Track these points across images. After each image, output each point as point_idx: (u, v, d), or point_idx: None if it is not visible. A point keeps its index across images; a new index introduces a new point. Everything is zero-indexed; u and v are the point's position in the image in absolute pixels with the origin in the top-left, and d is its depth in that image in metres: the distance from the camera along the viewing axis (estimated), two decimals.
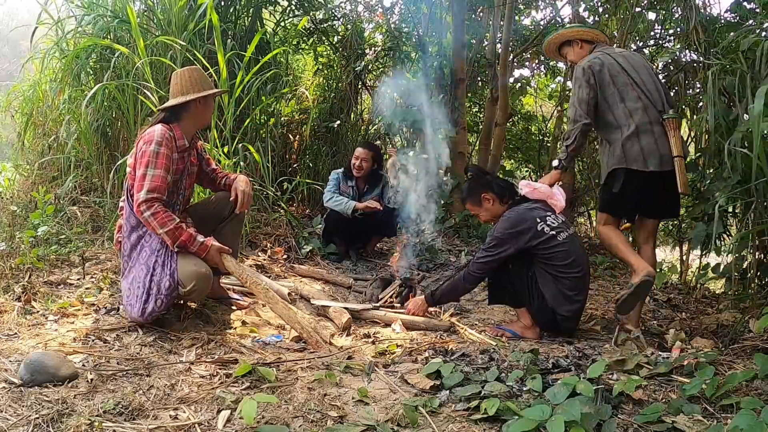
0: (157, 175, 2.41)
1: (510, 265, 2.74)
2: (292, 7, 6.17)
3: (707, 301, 3.68)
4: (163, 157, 2.44)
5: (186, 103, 2.59)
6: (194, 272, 2.41)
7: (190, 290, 2.40)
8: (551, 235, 2.68)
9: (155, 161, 2.42)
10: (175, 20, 4.13)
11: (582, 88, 2.97)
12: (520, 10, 7.55)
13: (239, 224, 3.02)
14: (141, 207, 2.37)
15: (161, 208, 2.39)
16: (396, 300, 3.38)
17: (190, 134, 2.68)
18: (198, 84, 2.61)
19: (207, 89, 2.64)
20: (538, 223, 2.70)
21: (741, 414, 1.51)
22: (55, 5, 4.85)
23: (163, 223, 2.37)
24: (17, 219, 3.95)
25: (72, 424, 1.50)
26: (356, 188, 4.51)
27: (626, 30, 4.81)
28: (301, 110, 6.23)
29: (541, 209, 2.80)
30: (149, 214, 2.36)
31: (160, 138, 2.45)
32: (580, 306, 2.74)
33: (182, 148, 2.61)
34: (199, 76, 2.64)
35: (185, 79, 2.61)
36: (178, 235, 2.40)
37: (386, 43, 6.71)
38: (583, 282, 2.72)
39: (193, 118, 2.66)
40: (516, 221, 2.73)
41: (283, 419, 1.66)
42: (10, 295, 2.57)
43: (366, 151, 4.43)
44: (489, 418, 1.68)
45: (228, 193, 2.87)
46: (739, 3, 3.55)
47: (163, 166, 2.43)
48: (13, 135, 5.71)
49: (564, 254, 2.67)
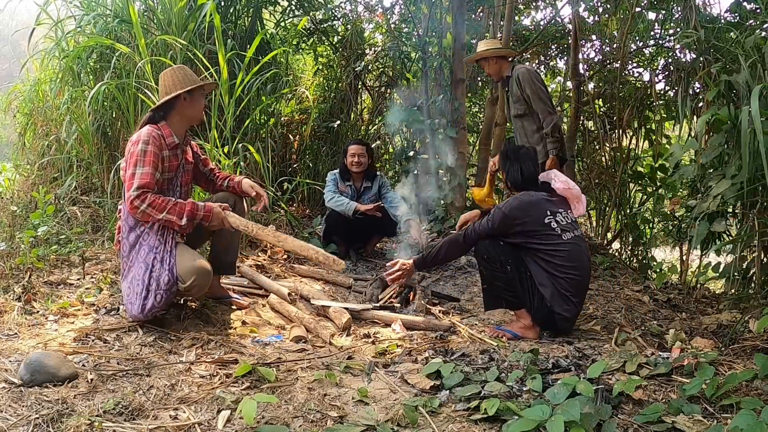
0: (146, 172, 2.42)
1: (508, 266, 2.71)
2: (292, 7, 6.17)
3: (707, 301, 3.68)
4: (150, 154, 2.45)
5: (173, 100, 2.61)
6: (193, 267, 2.42)
7: (190, 285, 2.41)
8: (557, 232, 2.67)
9: (143, 159, 2.43)
10: (175, 20, 4.13)
11: (541, 84, 3.68)
12: (520, 10, 7.55)
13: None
14: (135, 203, 2.36)
15: (154, 195, 2.40)
16: (396, 300, 3.38)
17: (180, 131, 2.68)
18: (182, 81, 2.62)
19: (192, 85, 2.64)
20: (547, 216, 2.69)
21: (741, 414, 1.51)
22: (54, 6, 4.85)
23: (162, 207, 2.39)
24: (17, 219, 3.95)
25: (72, 424, 1.50)
26: (354, 187, 4.55)
27: (626, 30, 4.81)
28: (301, 110, 6.23)
29: (557, 204, 2.77)
30: (146, 206, 2.37)
31: (147, 137, 2.48)
32: (578, 306, 2.72)
33: (172, 145, 2.61)
34: (184, 73, 2.65)
35: (170, 78, 2.63)
36: (182, 210, 2.43)
37: (386, 43, 6.72)
38: (581, 284, 2.70)
39: (181, 114, 2.66)
40: (526, 205, 2.72)
41: (283, 419, 1.66)
42: (10, 295, 2.57)
43: (360, 147, 4.50)
44: (489, 418, 1.68)
45: (228, 194, 2.86)
46: (739, 3, 3.55)
47: (151, 164, 2.44)
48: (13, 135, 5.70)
49: (566, 254, 2.65)
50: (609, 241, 5.36)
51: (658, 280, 3.97)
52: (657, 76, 5.43)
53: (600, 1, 5.93)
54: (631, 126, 5.39)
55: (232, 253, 3.00)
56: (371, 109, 6.91)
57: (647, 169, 4.73)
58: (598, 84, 5.97)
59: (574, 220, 2.81)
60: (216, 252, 2.95)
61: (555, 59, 8.19)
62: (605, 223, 5.51)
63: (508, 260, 2.72)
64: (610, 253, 5.04)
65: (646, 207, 5.36)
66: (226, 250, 2.96)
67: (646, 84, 5.37)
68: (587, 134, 6.07)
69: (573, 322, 2.77)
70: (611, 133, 5.63)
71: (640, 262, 4.73)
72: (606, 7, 5.83)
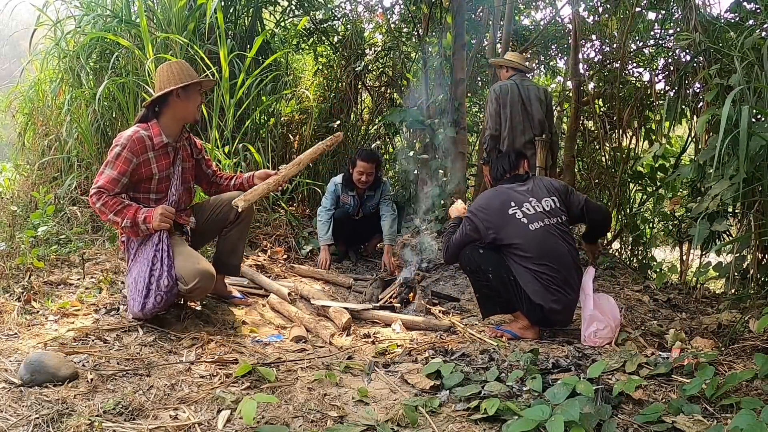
0: (110, 175, 2.43)
1: (490, 275, 2.68)
2: (292, 7, 6.17)
3: (707, 301, 3.67)
4: (122, 159, 2.45)
5: (165, 96, 2.53)
6: (196, 270, 2.41)
7: (193, 288, 2.40)
8: (523, 223, 2.65)
9: (114, 162, 2.45)
10: (175, 20, 4.13)
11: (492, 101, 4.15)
12: (520, 10, 7.56)
13: (246, 228, 2.98)
14: (92, 199, 2.41)
15: (110, 197, 2.41)
16: (396, 300, 3.38)
17: (172, 130, 2.62)
18: (177, 76, 2.53)
19: (187, 81, 2.55)
20: (511, 207, 2.69)
21: (741, 414, 1.51)
22: (54, 7, 4.85)
23: (112, 208, 2.40)
24: (17, 219, 3.95)
25: (72, 424, 1.50)
26: (357, 196, 4.46)
27: (626, 30, 4.81)
28: (301, 110, 6.23)
29: (525, 194, 2.76)
30: (100, 204, 2.40)
31: (126, 141, 2.47)
32: (567, 297, 2.65)
33: (160, 145, 2.55)
34: (180, 67, 2.57)
35: (165, 73, 2.55)
36: (125, 213, 2.41)
37: (386, 43, 6.72)
38: (563, 273, 2.63)
39: (173, 111, 2.58)
40: (488, 198, 2.79)
41: (283, 419, 1.66)
42: (10, 295, 2.57)
43: (370, 165, 4.29)
44: (489, 418, 1.67)
45: (234, 193, 2.82)
46: (738, 3, 3.55)
47: (119, 168, 2.44)
48: (13, 135, 5.70)
49: (537, 244, 2.62)
50: (609, 241, 5.36)
51: (658, 280, 3.97)
52: (657, 76, 5.43)
53: (600, 1, 5.93)
54: (631, 126, 5.38)
55: (237, 256, 2.99)
56: (371, 109, 6.91)
57: (647, 168, 4.73)
58: (598, 84, 5.97)
59: (552, 208, 2.75)
60: (221, 253, 2.95)
61: (555, 59, 8.20)
62: None
63: (489, 268, 2.69)
64: (610, 253, 5.04)
65: (646, 207, 5.36)
66: (232, 252, 2.95)
67: (646, 84, 5.36)
68: (587, 134, 6.07)
69: (567, 313, 2.71)
70: (611, 133, 5.62)
71: (640, 262, 4.73)
72: (606, 7, 5.82)
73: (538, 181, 2.88)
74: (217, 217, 2.84)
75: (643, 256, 4.82)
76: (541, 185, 2.85)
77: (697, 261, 4.17)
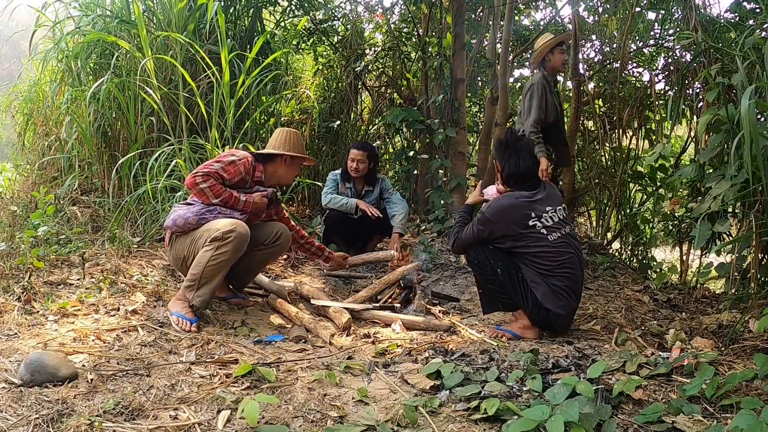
0: (221, 170, 2.70)
1: (498, 270, 2.69)
2: (292, 7, 6.17)
3: (707, 301, 3.67)
4: (233, 166, 2.74)
5: (274, 155, 2.96)
6: (233, 222, 2.62)
7: (229, 231, 2.55)
8: (542, 234, 2.63)
9: (226, 164, 2.74)
10: (175, 20, 4.13)
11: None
12: (520, 10, 7.56)
13: (273, 256, 3.15)
14: (197, 178, 2.64)
15: (216, 182, 2.68)
16: (396, 300, 3.38)
17: (269, 180, 3.00)
18: (290, 144, 2.98)
19: (297, 152, 2.98)
20: (531, 218, 2.64)
21: (741, 414, 1.51)
22: (54, 7, 4.85)
23: (218, 194, 2.68)
24: (17, 219, 3.94)
25: (72, 424, 1.50)
26: (354, 189, 4.49)
27: (626, 30, 4.81)
28: (301, 110, 6.23)
29: (543, 202, 2.69)
30: (206, 186, 2.65)
31: (242, 157, 2.79)
32: (573, 304, 2.68)
33: (257, 179, 2.90)
34: (296, 139, 3.02)
35: (282, 137, 3.00)
36: (227, 199, 2.72)
37: (386, 43, 6.72)
38: (573, 282, 2.65)
39: (275, 169, 2.98)
40: (506, 209, 2.68)
41: (283, 419, 1.66)
42: (10, 295, 2.57)
43: (361, 152, 4.35)
44: (489, 418, 1.68)
45: (285, 226, 3.08)
46: (738, 3, 3.54)
47: (228, 172, 2.73)
48: (13, 135, 5.71)
49: (555, 255, 2.62)
50: (609, 241, 5.35)
51: (658, 280, 3.97)
52: (657, 76, 5.42)
53: (600, 1, 5.93)
54: (631, 126, 5.38)
55: (250, 276, 3.15)
56: (371, 109, 6.91)
57: (647, 168, 4.73)
58: (598, 84, 5.96)
59: (564, 217, 2.74)
60: (238, 269, 2.93)
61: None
62: (605, 223, 5.50)
63: (498, 264, 2.70)
64: (610, 253, 5.04)
65: (646, 207, 5.36)
66: (247, 271, 3.05)
67: (646, 84, 5.36)
68: (587, 134, 6.07)
69: (569, 318, 2.74)
70: (611, 133, 5.62)
71: (640, 262, 4.73)
72: (606, 7, 5.83)
73: (549, 188, 2.83)
74: (256, 235, 2.87)
75: (643, 256, 4.82)
76: (552, 192, 2.81)
77: (697, 261, 4.17)
